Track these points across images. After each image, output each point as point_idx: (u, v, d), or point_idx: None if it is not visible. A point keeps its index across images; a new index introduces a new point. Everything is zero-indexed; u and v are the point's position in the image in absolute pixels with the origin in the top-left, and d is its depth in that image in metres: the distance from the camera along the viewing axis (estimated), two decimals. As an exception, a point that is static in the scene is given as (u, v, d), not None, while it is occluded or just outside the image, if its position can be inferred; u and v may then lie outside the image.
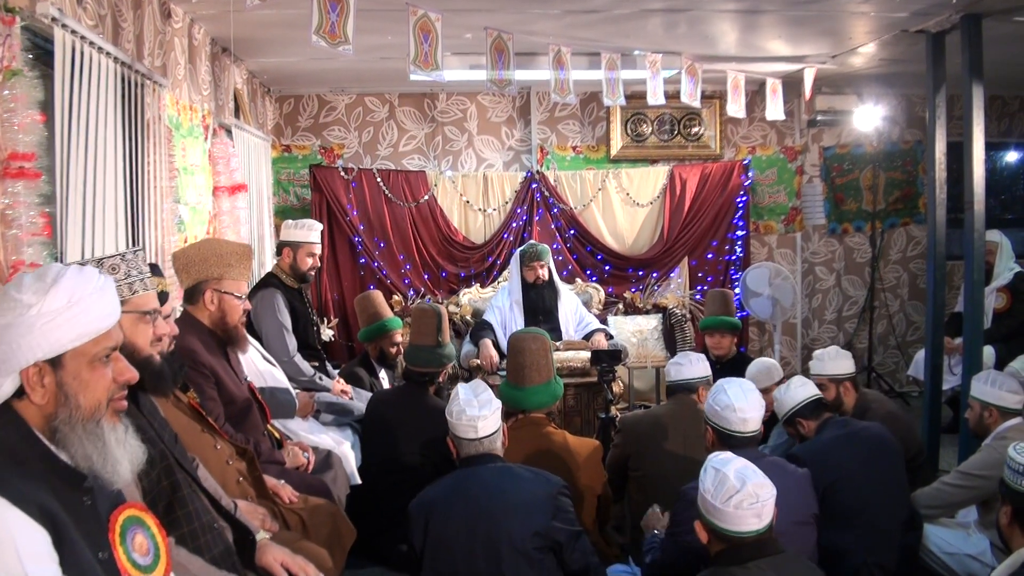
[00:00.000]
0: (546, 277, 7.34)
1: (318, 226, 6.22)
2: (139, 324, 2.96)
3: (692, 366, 5.13)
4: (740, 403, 3.92)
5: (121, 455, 2.19)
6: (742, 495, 2.97)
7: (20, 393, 2.12)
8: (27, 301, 2.11)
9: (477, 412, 3.73)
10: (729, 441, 3.93)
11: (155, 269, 3.54)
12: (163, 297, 3.47)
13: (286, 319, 5.83)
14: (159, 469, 2.85)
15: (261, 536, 3.21)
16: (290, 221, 6.22)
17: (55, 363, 2.13)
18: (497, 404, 3.80)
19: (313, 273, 6.24)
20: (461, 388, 3.87)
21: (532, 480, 3.67)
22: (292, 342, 5.80)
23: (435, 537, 3.67)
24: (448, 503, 3.70)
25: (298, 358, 5.76)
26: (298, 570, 3.11)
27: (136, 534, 2.28)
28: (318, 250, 6.18)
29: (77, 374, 2.16)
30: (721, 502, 3.00)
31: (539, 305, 7.33)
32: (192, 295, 4.14)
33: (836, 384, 5.35)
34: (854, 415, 5.28)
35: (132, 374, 2.28)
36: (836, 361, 5.40)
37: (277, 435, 4.64)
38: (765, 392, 5.50)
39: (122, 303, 2.48)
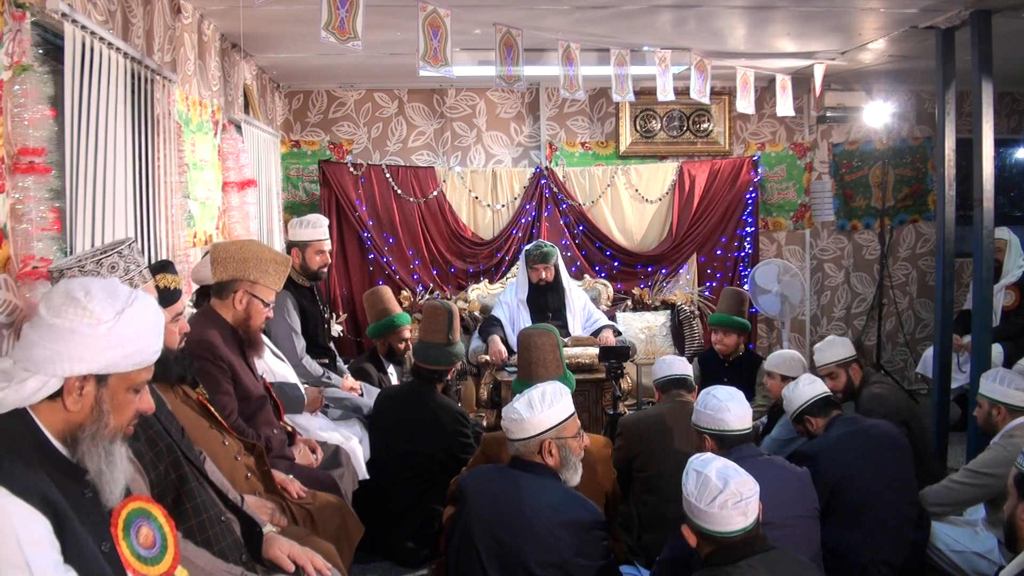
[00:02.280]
0: (550, 278, 7.32)
1: (324, 221, 6.19)
2: None
3: (679, 363, 5.30)
4: (731, 403, 3.99)
5: (119, 477, 2.26)
6: (726, 495, 2.97)
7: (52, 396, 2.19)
8: (101, 316, 2.19)
9: (512, 415, 3.74)
10: (727, 442, 3.95)
11: (169, 266, 3.57)
12: (176, 295, 3.49)
13: (295, 322, 5.82)
14: (167, 462, 2.87)
15: (268, 529, 3.22)
16: (295, 220, 6.21)
17: (102, 379, 2.22)
18: (537, 419, 3.71)
19: (325, 270, 6.20)
20: (538, 387, 3.86)
21: (569, 506, 3.61)
22: (300, 344, 5.80)
23: (463, 524, 3.68)
24: (481, 496, 3.71)
25: (306, 360, 5.76)
26: (305, 562, 3.12)
27: (141, 526, 2.31)
28: (327, 246, 6.15)
29: (115, 395, 2.26)
30: (705, 504, 3.00)
31: (544, 304, 7.33)
32: (222, 290, 4.17)
33: (844, 368, 5.48)
34: (858, 389, 5.45)
35: (150, 406, 2.38)
36: (836, 348, 5.56)
37: (290, 429, 4.66)
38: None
39: None
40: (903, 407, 5.34)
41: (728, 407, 3.95)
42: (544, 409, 3.72)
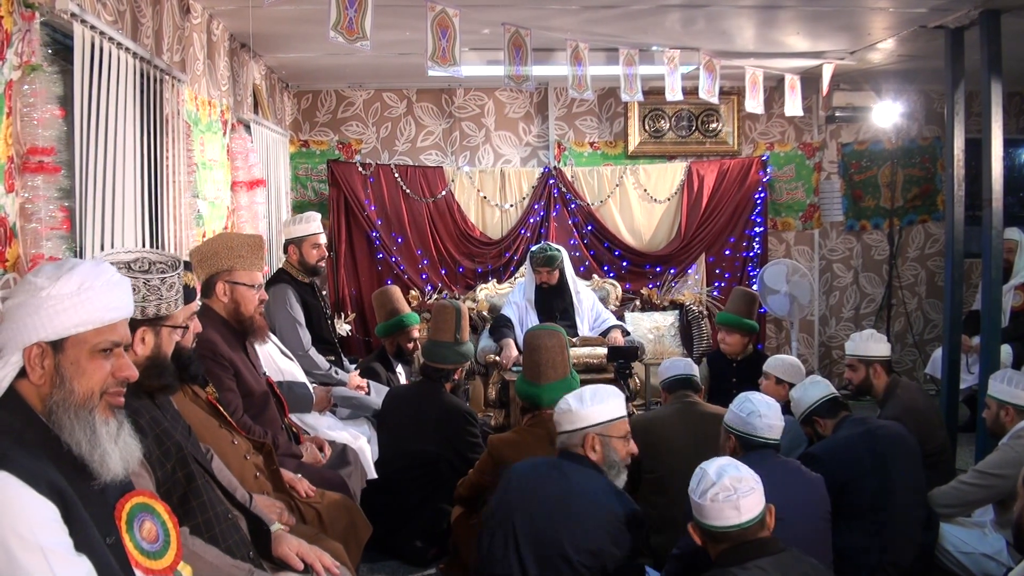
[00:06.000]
0: (553, 282, 7.34)
1: (316, 216, 6.28)
2: (172, 335, 3.06)
3: (684, 363, 5.31)
4: (765, 410, 3.96)
5: (111, 449, 2.23)
6: (717, 487, 3.03)
7: (24, 373, 2.20)
8: (40, 284, 2.21)
9: (562, 406, 3.84)
10: (752, 445, 3.95)
11: (187, 264, 3.60)
12: (193, 293, 3.52)
13: (298, 314, 5.86)
14: (174, 460, 2.88)
15: (276, 527, 3.23)
16: (288, 218, 6.27)
17: (56, 347, 2.20)
18: (585, 413, 3.78)
19: (323, 264, 6.27)
20: (592, 386, 3.92)
21: (609, 497, 3.64)
22: (306, 336, 5.83)
23: (503, 507, 3.69)
24: (525, 481, 3.74)
25: (313, 352, 5.79)
26: (313, 560, 3.13)
27: (144, 521, 2.32)
28: (322, 240, 6.23)
29: (76, 360, 2.22)
30: (699, 497, 3.08)
31: (550, 306, 7.34)
32: (207, 289, 4.18)
33: (866, 365, 5.44)
34: (881, 399, 5.39)
35: (131, 372, 2.33)
36: (869, 343, 5.50)
37: (295, 429, 4.67)
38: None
39: (166, 318, 2.89)
40: (933, 417, 5.37)
41: (761, 414, 3.95)
42: (593, 405, 3.78)
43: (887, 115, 8.75)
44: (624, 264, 8.93)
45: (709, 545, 3.13)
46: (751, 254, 9.10)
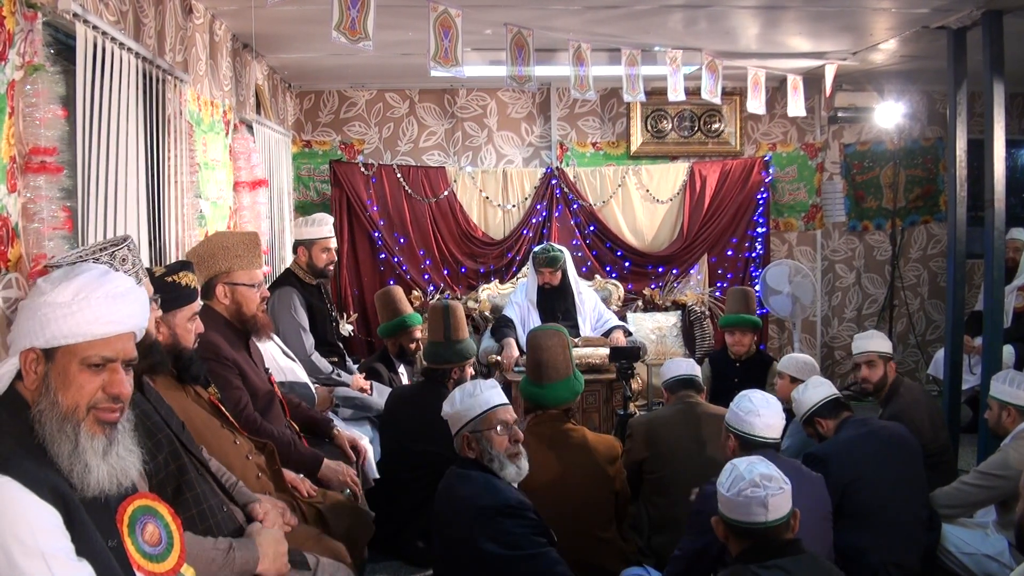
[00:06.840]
0: (555, 283, 7.34)
1: (328, 219, 6.27)
2: None
3: (686, 364, 5.33)
4: (764, 410, 3.97)
5: (95, 464, 2.18)
6: (746, 483, 3.06)
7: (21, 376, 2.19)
8: (43, 289, 2.19)
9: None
10: (749, 445, 3.95)
11: (189, 265, 3.62)
12: (194, 293, 3.53)
13: (303, 318, 5.85)
14: (165, 452, 2.88)
15: (257, 503, 3.25)
16: (300, 219, 6.26)
17: (48, 355, 2.18)
18: (456, 415, 3.86)
19: (331, 268, 6.26)
20: (462, 385, 3.98)
21: (478, 493, 3.65)
22: (309, 341, 5.82)
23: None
24: (436, 497, 3.84)
25: (316, 356, 5.79)
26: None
27: (147, 524, 2.30)
28: (333, 244, 6.22)
29: (64, 371, 2.19)
30: (728, 492, 3.11)
31: (552, 307, 7.33)
32: (207, 291, 4.18)
33: (884, 361, 5.46)
34: (883, 400, 5.42)
35: (123, 389, 2.26)
36: (880, 340, 5.54)
37: (297, 429, 4.68)
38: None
39: None
40: (935, 418, 5.38)
41: (759, 413, 3.95)
42: (461, 405, 3.84)
43: (889, 116, 8.74)
44: (626, 264, 8.94)
45: (732, 540, 3.15)
46: (753, 255, 9.10)
